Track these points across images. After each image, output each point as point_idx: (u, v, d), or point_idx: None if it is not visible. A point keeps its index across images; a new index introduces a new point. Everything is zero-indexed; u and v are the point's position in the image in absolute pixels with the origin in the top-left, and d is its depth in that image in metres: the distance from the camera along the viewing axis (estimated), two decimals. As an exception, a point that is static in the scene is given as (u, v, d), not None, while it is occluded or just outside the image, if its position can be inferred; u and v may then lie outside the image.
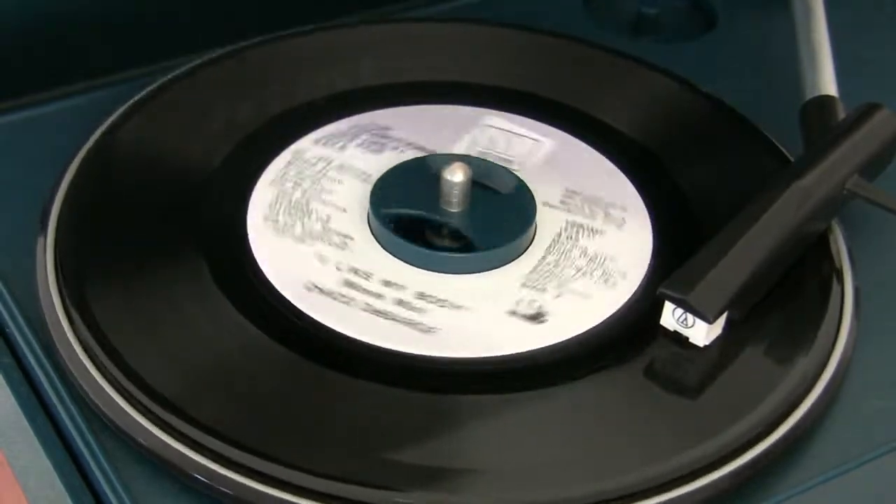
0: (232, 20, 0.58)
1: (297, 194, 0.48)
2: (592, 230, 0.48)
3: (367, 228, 0.47)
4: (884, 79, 0.59)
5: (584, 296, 0.45)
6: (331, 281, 0.45)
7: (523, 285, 0.45)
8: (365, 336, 0.43)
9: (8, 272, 0.46)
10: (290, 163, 0.49)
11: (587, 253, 0.47)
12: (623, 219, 0.48)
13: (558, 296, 0.45)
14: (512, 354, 0.43)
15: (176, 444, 0.40)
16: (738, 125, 0.53)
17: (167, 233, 0.47)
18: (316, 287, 0.44)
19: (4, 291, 0.46)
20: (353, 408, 0.41)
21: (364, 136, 0.50)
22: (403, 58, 0.55)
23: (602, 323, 0.44)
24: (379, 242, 0.46)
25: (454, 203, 0.47)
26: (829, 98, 0.51)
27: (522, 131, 0.48)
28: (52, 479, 0.41)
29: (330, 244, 0.46)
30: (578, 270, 0.46)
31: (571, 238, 0.47)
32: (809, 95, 0.52)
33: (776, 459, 0.42)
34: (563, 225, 0.48)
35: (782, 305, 0.45)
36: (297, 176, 0.48)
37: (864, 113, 0.50)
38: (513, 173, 0.49)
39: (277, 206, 0.47)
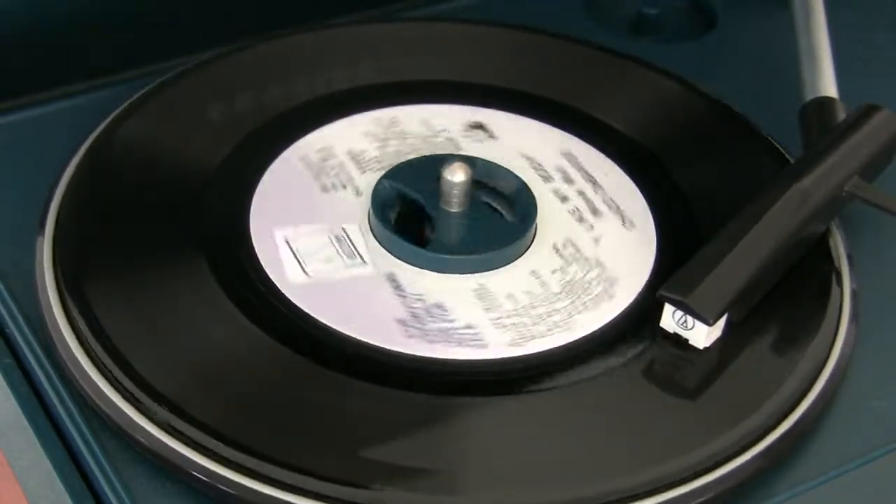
0: (232, 20, 0.58)
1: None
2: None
3: (372, 235, 0.47)
4: (884, 79, 0.59)
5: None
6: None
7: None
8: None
9: (8, 272, 0.46)
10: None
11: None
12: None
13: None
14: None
15: (176, 444, 0.40)
16: (737, 125, 0.53)
17: (167, 232, 0.47)
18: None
19: (4, 291, 0.46)
20: (354, 408, 0.41)
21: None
22: (403, 58, 0.55)
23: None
24: (392, 251, 0.46)
25: (454, 203, 0.47)
26: (828, 99, 0.51)
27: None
28: (52, 479, 0.41)
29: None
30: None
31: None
32: (809, 96, 0.52)
33: (776, 460, 0.42)
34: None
35: (782, 307, 0.45)
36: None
37: (864, 114, 0.50)
38: (513, 173, 0.49)
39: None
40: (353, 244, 0.47)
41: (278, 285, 0.45)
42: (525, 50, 0.56)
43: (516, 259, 0.47)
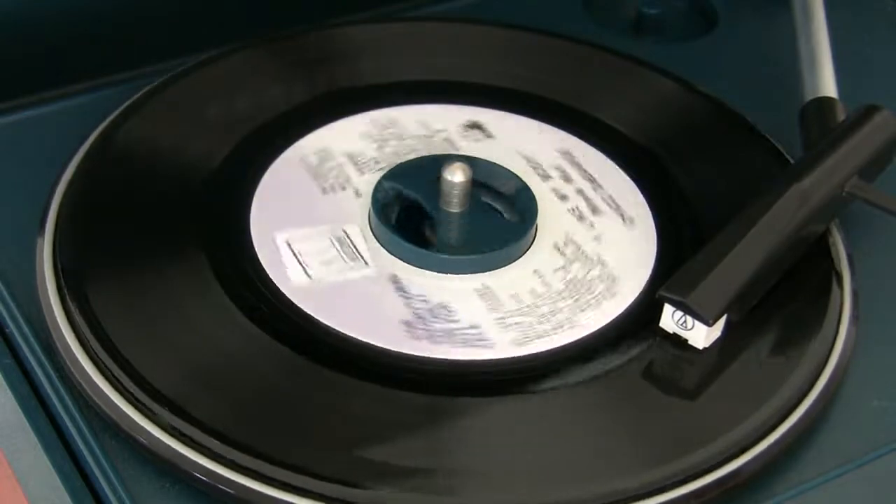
0: (231, 20, 0.58)
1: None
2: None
3: (374, 238, 0.47)
4: (884, 79, 0.59)
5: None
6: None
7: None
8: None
9: (8, 272, 0.46)
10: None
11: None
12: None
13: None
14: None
15: (176, 445, 0.40)
16: (738, 126, 0.53)
17: (167, 232, 0.47)
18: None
19: (4, 291, 0.46)
20: (355, 408, 0.41)
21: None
22: (402, 58, 0.55)
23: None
24: (394, 252, 0.46)
25: (454, 203, 0.47)
26: (828, 100, 0.51)
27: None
28: (52, 479, 0.41)
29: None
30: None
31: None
32: (809, 97, 0.52)
33: (776, 460, 0.42)
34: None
35: (782, 307, 0.45)
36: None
37: (864, 114, 0.50)
38: (513, 173, 0.49)
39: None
40: (354, 246, 0.47)
41: (280, 287, 0.45)
42: (525, 50, 0.56)
43: (518, 258, 0.47)
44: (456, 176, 0.46)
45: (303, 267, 0.45)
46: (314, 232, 0.47)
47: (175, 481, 0.40)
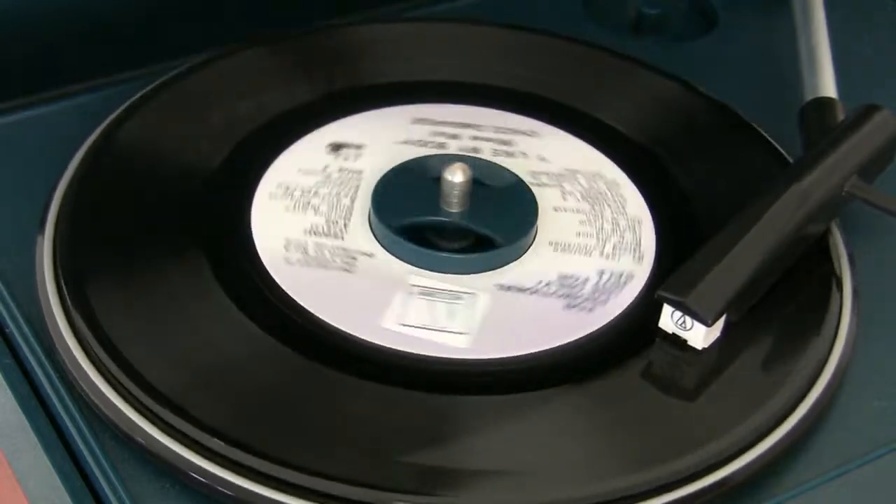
0: (231, 20, 0.58)
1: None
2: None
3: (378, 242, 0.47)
4: (884, 79, 0.59)
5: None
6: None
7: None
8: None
9: (8, 272, 0.46)
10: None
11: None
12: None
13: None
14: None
15: (176, 445, 0.40)
16: (737, 126, 0.53)
17: (167, 232, 0.47)
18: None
19: (4, 291, 0.46)
20: (355, 408, 0.41)
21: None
22: (403, 57, 0.55)
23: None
24: (394, 253, 0.46)
25: (454, 203, 0.47)
26: (828, 100, 0.51)
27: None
28: (52, 479, 0.41)
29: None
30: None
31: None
32: (809, 97, 0.52)
33: (776, 460, 0.42)
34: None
35: (782, 307, 0.45)
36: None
37: (864, 114, 0.50)
38: (508, 170, 0.49)
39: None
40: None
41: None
42: (525, 50, 0.56)
43: (518, 258, 0.47)
44: (456, 176, 0.46)
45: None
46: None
47: (174, 481, 0.40)
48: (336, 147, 0.50)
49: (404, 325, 0.44)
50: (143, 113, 0.51)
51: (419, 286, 0.45)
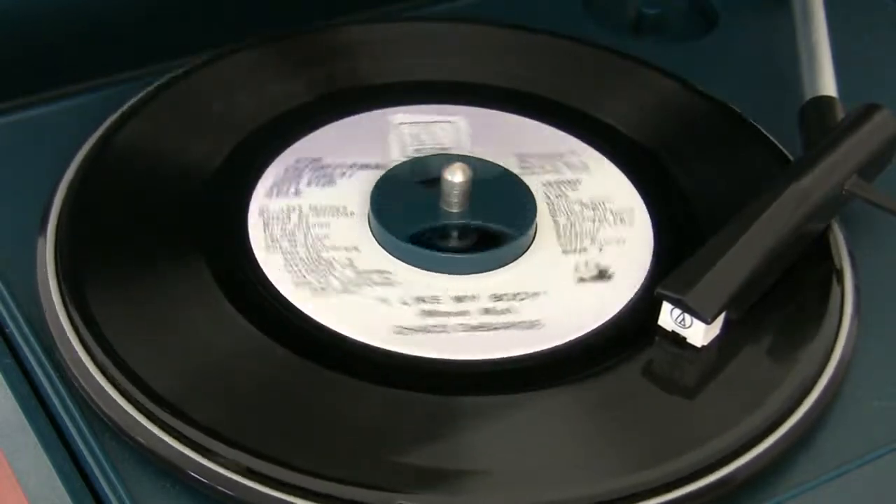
0: (231, 20, 0.58)
1: (303, 252, 0.46)
2: (571, 182, 0.49)
3: (389, 254, 0.47)
4: (884, 79, 0.59)
5: (619, 240, 0.47)
6: (410, 318, 0.44)
7: (564, 252, 0.46)
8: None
9: (8, 272, 0.46)
10: (266, 225, 0.47)
11: (585, 202, 0.48)
12: (586, 164, 0.49)
13: (600, 249, 0.46)
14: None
15: (176, 445, 0.40)
16: (738, 125, 0.53)
17: (167, 233, 0.47)
18: (405, 329, 0.44)
19: (4, 291, 0.46)
20: (354, 409, 0.41)
21: (307, 175, 0.49)
22: (402, 57, 0.55)
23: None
24: (393, 253, 0.46)
25: (454, 203, 0.47)
26: (828, 99, 0.51)
27: (432, 118, 0.47)
28: (52, 479, 0.41)
29: (375, 284, 0.45)
30: (593, 221, 0.47)
31: (561, 196, 0.48)
32: (809, 96, 0.52)
33: (776, 460, 0.42)
34: (543, 188, 0.49)
35: (782, 305, 0.45)
36: (286, 235, 0.47)
37: (864, 113, 0.50)
38: (501, 166, 0.49)
39: (295, 268, 0.45)
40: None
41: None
42: (525, 50, 0.56)
43: (519, 258, 0.47)
44: (456, 176, 0.46)
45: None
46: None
47: (175, 481, 0.40)
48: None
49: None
50: (143, 114, 0.51)
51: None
